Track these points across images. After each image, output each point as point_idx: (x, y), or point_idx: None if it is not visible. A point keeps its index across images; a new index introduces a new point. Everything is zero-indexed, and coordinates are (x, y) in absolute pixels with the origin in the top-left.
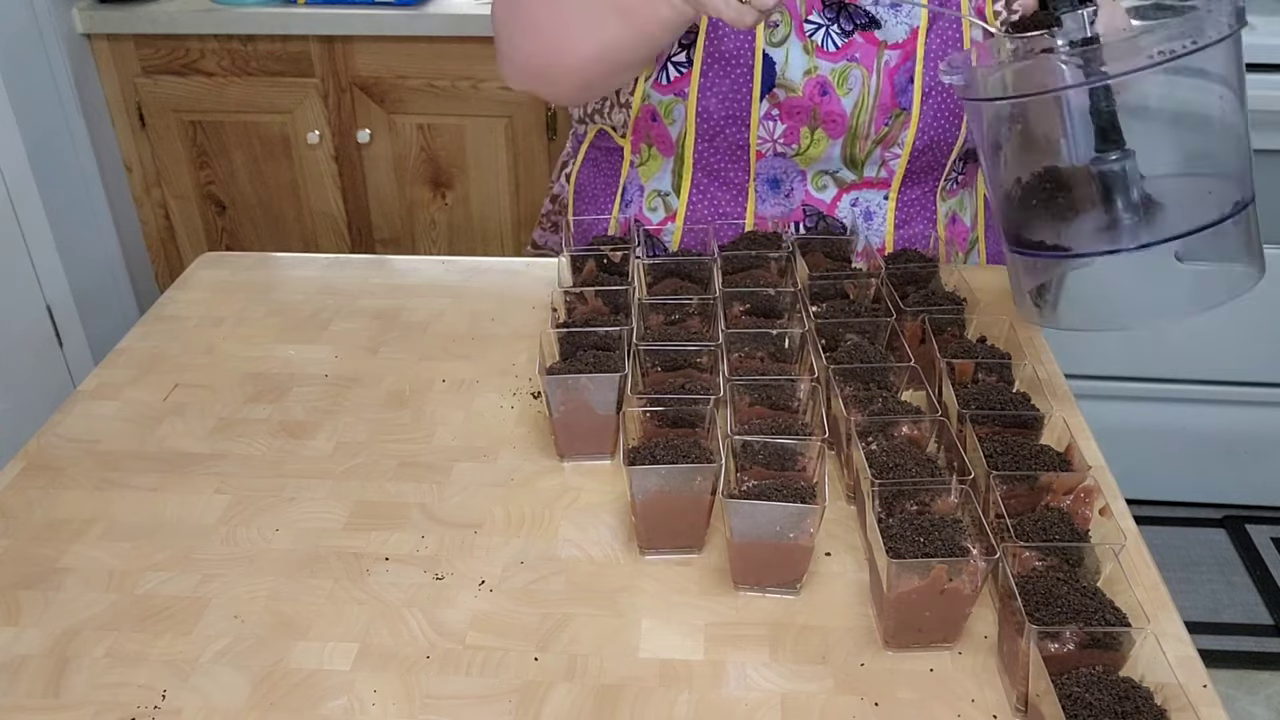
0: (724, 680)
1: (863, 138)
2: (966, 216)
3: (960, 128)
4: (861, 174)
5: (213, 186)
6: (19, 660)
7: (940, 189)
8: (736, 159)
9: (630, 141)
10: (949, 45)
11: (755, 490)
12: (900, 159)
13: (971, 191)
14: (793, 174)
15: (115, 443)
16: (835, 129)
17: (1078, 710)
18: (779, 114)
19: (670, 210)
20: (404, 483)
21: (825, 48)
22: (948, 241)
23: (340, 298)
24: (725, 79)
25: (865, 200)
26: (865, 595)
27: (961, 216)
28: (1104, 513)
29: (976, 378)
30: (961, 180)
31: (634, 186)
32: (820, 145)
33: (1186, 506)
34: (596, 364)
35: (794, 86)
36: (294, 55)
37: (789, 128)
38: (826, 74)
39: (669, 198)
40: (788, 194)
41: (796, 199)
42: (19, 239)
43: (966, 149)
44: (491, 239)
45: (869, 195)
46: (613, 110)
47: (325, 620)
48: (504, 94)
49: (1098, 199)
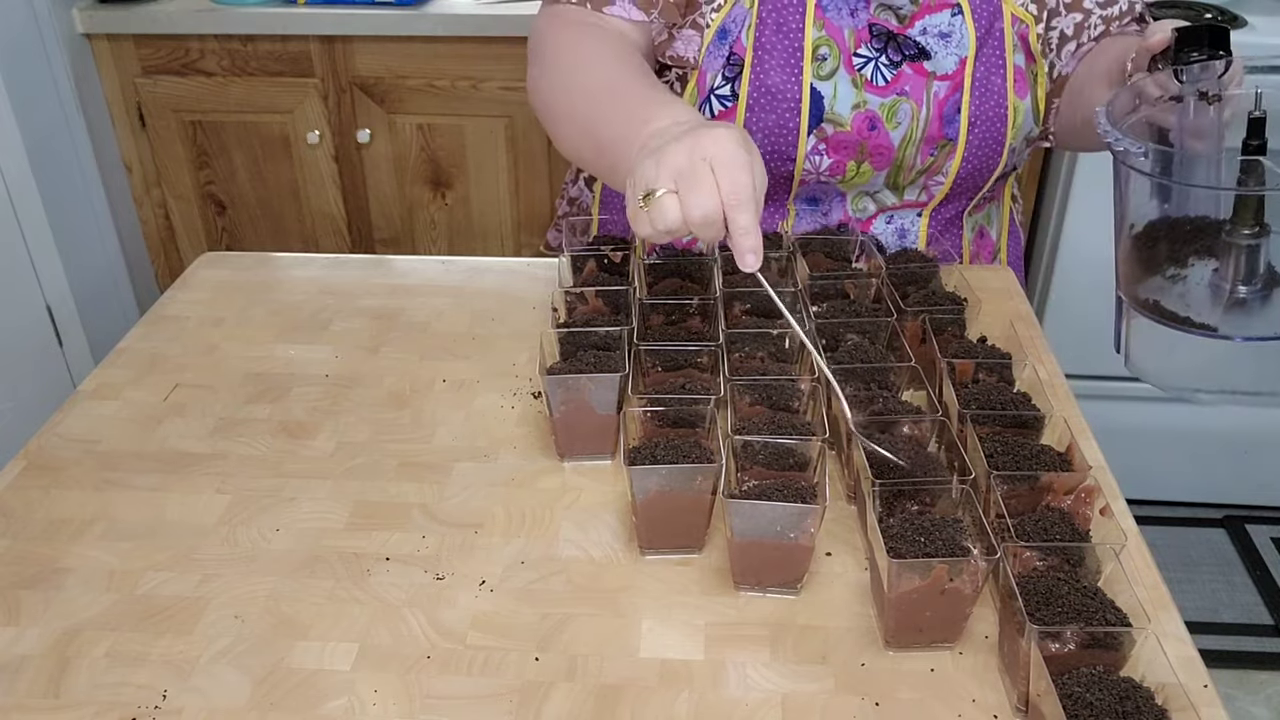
0: (724, 680)
1: (909, 168)
2: (993, 230)
3: (1002, 155)
4: (902, 198)
5: (213, 186)
6: (19, 660)
7: (971, 205)
8: (779, 186)
9: None
10: (992, 72)
11: (756, 490)
12: (943, 186)
13: (998, 204)
14: (832, 195)
15: (115, 443)
16: (881, 161)
17: (1078, 710)
18: (825, 148)
19: None
20: (404, 483)
21: (874, 82)
22: (975, 255)
23: (340, 298)
24: (771, 114)
25: (900, 218)
26: (866, 595)
27: (989, 230)
28: (1104, 513)
29: (977, 378)
30: (991, 195)
31: None
32: (866, 175)
33: (1186, 506)
34: (597, 364)
35: (842, 121)
36: (294, 55)
37: (835, 161)
38: (875, 108)
39: None
40: (825, 213)
41: (834, 218)
42: (19, 239)
43: (1004, 171)
44: (491, 239)
45: (904, 214)
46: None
47: (325, 620)
48: (504, 94)
49: (1224, 268)
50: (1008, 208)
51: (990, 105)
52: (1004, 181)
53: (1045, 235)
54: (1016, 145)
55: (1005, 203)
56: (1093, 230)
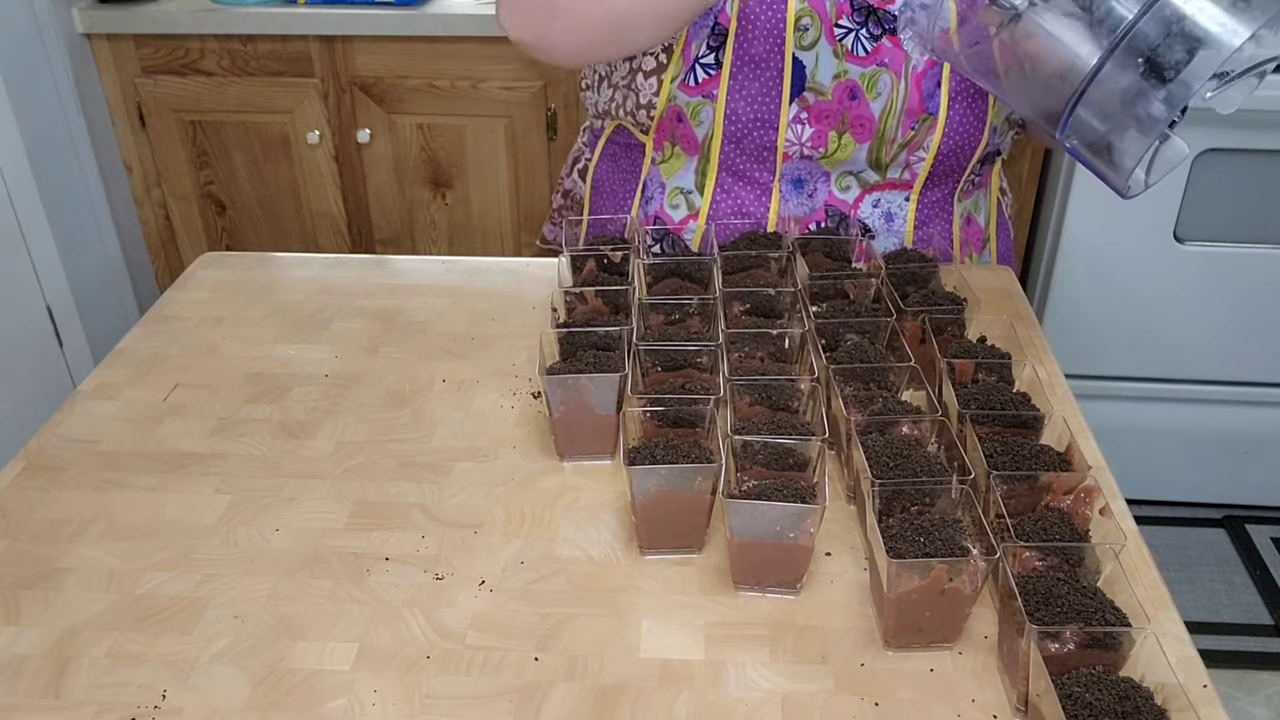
0: (724, 680)
1: (889, 141)
2: (981, 217)
3: (983, 131)
4: (885, 176)
5: (213, 186)
6: (19, 660)
7: (958, 190)
8: (762, 160)
9: (653, 140)
10: None
11: (755, 490)
12: (924, 162)
13: (986, 192)
14: (817, 175)
15: (115, 443)
16: (863, 133)
17: (1078, 710)
18: (808, 117)
19: (693, 208)
20: (404, 483)
21: (855, 52)
22: (964, 242)
23: (340, 298)
24: (754, 82)
25: (887, 201)
26: (865, 595)
27: (976, 217)
28: (1104, 513)
29: (976, 378)
30: (978, 181)
31: (655, 183)
32: (848, 149)
33: (1186, 506)
34: (596, 364)
35: (823, 90)
36: (294, 55)
37: (817, 131)
38: (856, 78)
39: (691, 195)
40: (811, 194)
41: (820, 199)
42: (19, 239)
43: (987, 152)
44: (491, 239)
45: (891, 197)
46: (636, 110)
47: (325, 620)
48: (504, 94)
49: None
50: (995, 198)
51: (970, 81)
52: (989, 166)
53: (1045, 235)
54: (998, 124)
55: (993, 193)
56: (1093, 230)
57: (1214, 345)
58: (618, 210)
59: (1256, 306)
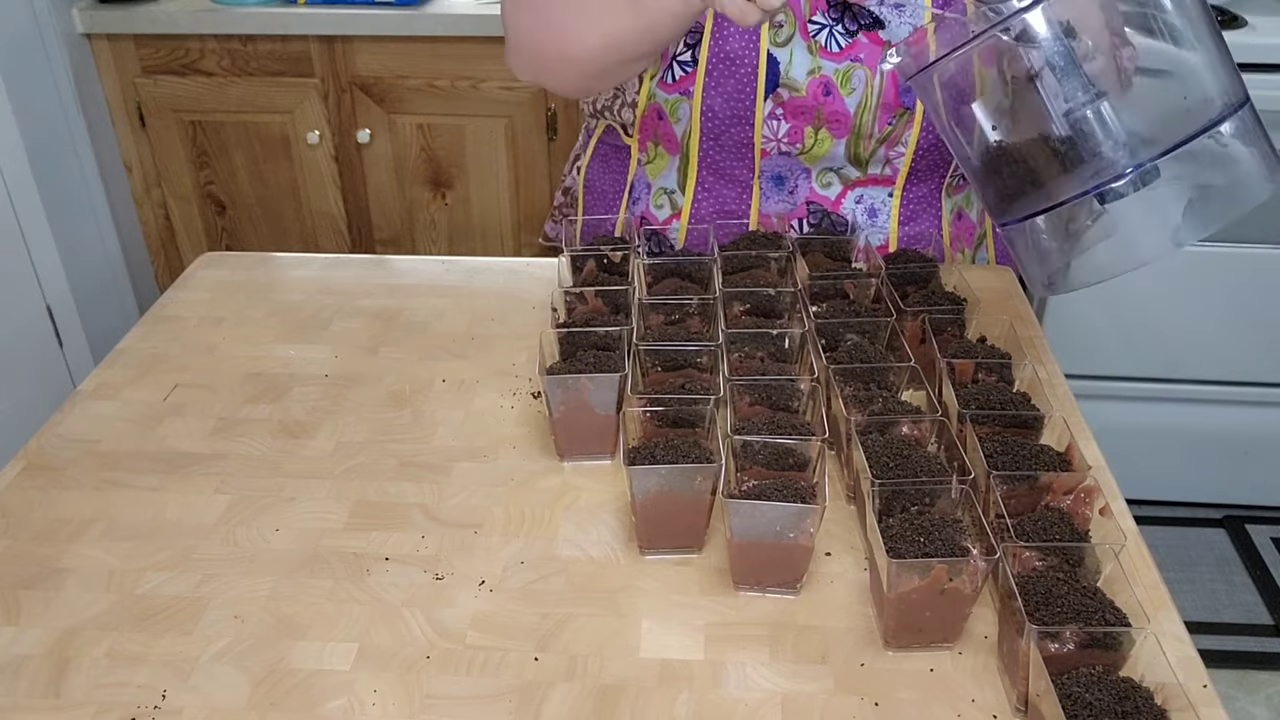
0: (724, 680)
1: (866, 137)
2: (973, 212)
3: None
4: (866, 171)
5: (213, 186)
6: (19, 660)
7: (946, 185)
8: (741, 157)
9: (637, 140)
10: None
11: (755, 490)
12: (904, 157)
13: None
14: (797, 171)
15: (115, 443)
16: (839, 128)
17: (1078, 710)
18: (783, 113)
19: (676, 208)
20: (404, 483)
21: (829, 48)
22: (954, 238)
23: (340, 298)
24: (730, 78)
25: (870, 197)
26: (865, 595)
27: (968, 212)
28: (1104, 513)
29: (976, 378)
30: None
31: (641, 184)
32: (825, 144)
33: (1186, 506)
34: (596, 364)
35: (798, 86)
36: (294, 55)
37: (793, 127)
38: (830, 74)
39: (674, 195)
40: (792, 191)
41: (801, 196)
42: (19, 239)
43: None
44: (491, 239)
45: (873, 192)
46: (621, 108)
47: (325, 620)
48: (504, 94)
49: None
50: None
51: None
52: None
53: None
54: None
55: None
56: None
57: (1214, 345)
58: (608, 210)
59: (1256, 307)
